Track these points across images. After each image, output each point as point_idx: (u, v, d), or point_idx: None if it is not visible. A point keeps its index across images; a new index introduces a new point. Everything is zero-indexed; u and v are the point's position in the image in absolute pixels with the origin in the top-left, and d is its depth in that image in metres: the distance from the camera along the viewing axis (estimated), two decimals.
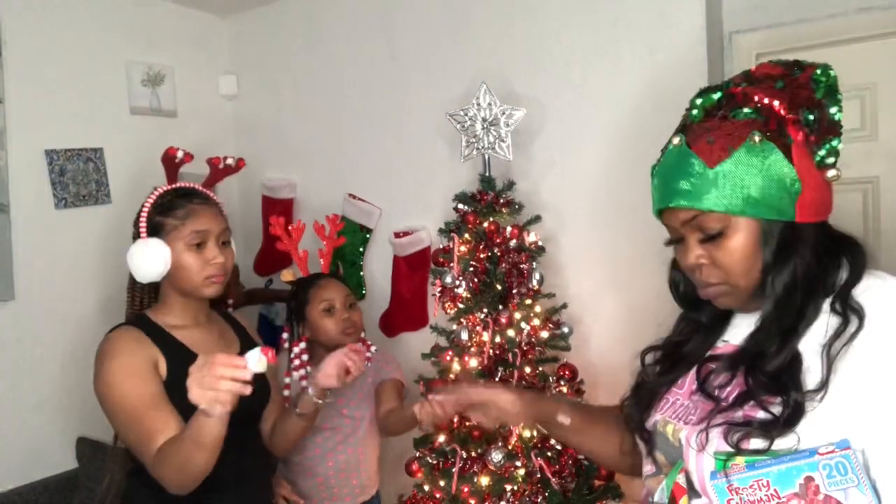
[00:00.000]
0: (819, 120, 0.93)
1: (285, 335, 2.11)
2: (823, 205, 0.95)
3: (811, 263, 0.92)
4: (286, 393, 1.89)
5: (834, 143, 0.94)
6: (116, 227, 2.69)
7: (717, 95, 0.97)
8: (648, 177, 1.04)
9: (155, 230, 1.48)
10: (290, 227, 2.30)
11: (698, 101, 0.99)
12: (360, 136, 2.88)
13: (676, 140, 0.97)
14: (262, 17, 3.11)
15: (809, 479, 0.83)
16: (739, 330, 1.02)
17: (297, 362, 2.01)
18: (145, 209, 1.50)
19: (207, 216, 1.49)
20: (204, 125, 3.10)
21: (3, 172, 2.39)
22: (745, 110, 0.93)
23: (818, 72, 0.95)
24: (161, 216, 1.48)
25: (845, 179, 2.28)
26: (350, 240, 2.88)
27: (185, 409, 1.31)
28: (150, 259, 1.44)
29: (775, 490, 0.83)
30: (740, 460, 0.87)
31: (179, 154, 1.58)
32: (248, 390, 1.15)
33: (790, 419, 0.85)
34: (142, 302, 1.57)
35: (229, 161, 1.60)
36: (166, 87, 2.94)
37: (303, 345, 2.05)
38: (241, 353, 1.56)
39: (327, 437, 2.05)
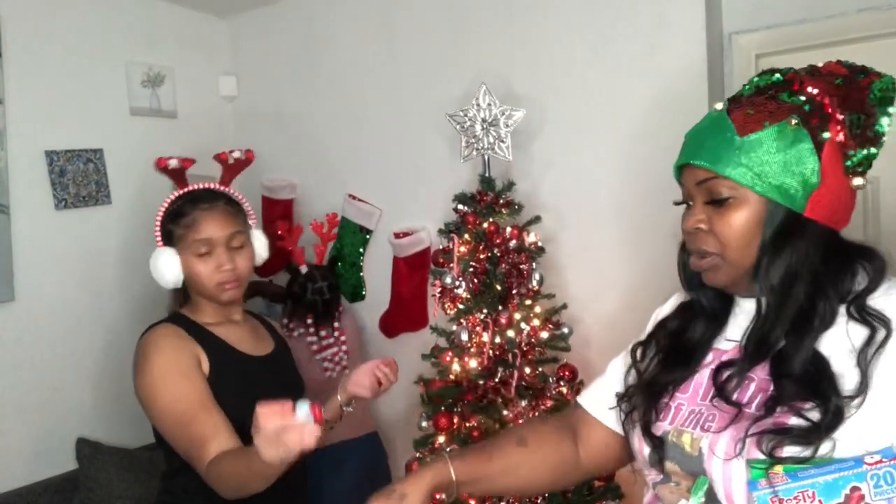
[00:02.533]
0: (864, 126, 0.91)
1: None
2: (840, 211, 0.93)
3: (813, 261, 0.91)
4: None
5: (872, 151, 0.92)
6: (116, 228, 2.70)
7: (776, 77, 0.97)
8: (648, 177, 1.04)
9: (168, 238, 1.48)
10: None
11: (756, 79, 0.99)
12: (360, 136, 2.88)
13: (720, 106, 0.98)
14: (262, 17, 3.11)
15: (856, 488, 0.81)
16: (741, 326, 1.00)
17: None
18: (158, 217, 1.49)
19: (212, 223, 1.45)
20: (204, 126, 3.10)
21: (3, 173, 2.39)
22: (795, 97, 0.92)
23: (880, 81, 0.93)
24: (172, 224, 1.47)
25: None
26: (350, 240, 2.89)
27: (230, 405, 1.35)
28: (164, 269, 1.45)
29: (820, 501, 0.82)
30: (779, 469, 0.84)
31: (172, 163, 1.56)
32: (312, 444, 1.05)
33: (832, 425, 0.84)
34: (178, 302, 1.57)
35: (236, 154, 1.59)
36: (166, 88, 2.94)
37: None
38: (274, 351, 1.58)
39: None
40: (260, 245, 1.56)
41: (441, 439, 2.06)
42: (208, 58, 3.14)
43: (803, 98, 0.92)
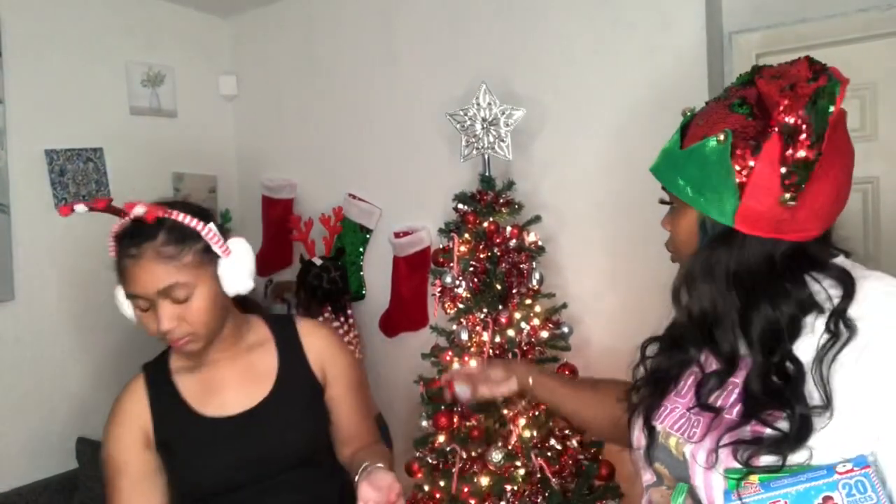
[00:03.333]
0: (797, 136, 0.87)
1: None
2: (785, 224, 0.89)
3: (743, 271, 0.92)
4: None
5: (808, 162, 0.87)
6: None
7: (748, 76, 0.96)
8: (649, 176, 1.05)
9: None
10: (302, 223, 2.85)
11: (737, 77, 0.99)
12: (359, 136, 2.88)
13: (688, 113, 1.01)
14: (262, 17, 3.11)
15: (828, 498, 0.81)
16: None
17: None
18: (111, 251, 1.22)
19: (140, 275, 1.14)
20: (204, 125, 3.11)
21: (3, 172, 2.39)
22: (745, 107, 0.92)
23: (825, 86, 0.88)
24: (115, 265, 1.21)
25: None
26: (350, 240, 2.89)
27: (168, 470, 1.25)
28: (124, 310, 1.24)
29: None
30: (754, 479, 0.84)
31: (79, 208, 1.15)
32: None
33: (800, 434, 0.84)
34: None
35: (139, 210, 1.17)
36: (166, 87, 2.94)
37: None
38: (266, 399, 1.26)
39: None
40: (235, 274, 1.20)
41: (441, 438, 2.06)
42: (208, 58, 3.14)
43: (750, 108, 0.91)
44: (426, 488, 2.07)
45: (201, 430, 1.23)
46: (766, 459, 0.85)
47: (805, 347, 0.89)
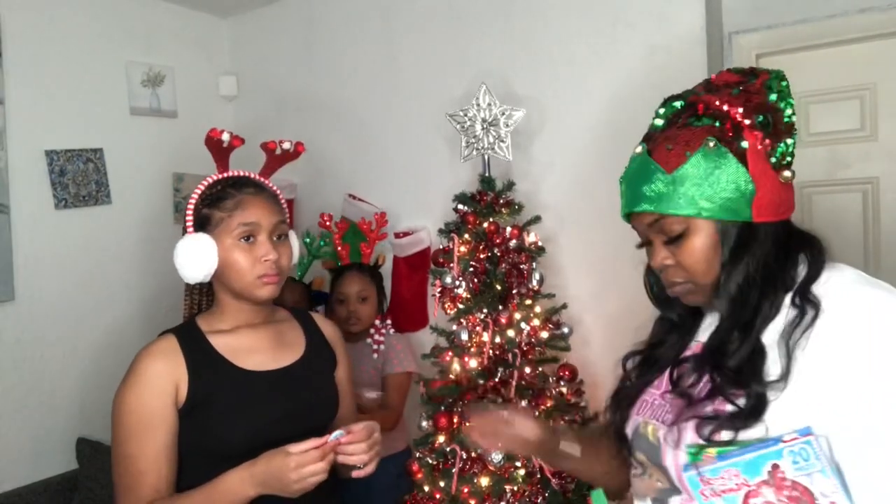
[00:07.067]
0: (773, 123, 0.96)
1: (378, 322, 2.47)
2: (783, 204, 0.97)
3: (768, 260, 0.95)
4: None
5: (788, 143, 0.97)
6: (116, 228, 2.70)
7: (678, 104, 1.02)
8: None
9: (202, 224, 1.32)
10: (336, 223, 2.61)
11: (661, 111, 1.04)
12: (359, 136, 2.88)
13: (639, 149, 1.03)
14: (262, 17, 3.11)
15: (776, 466, 0.86)
16: (709, 328, 1.05)
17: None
18: (192, 200, 1.34)
19: (258, 207, 1.31)
20: (204, 126, 3.06)
21: (3, 173, 2.39)
22: (704, 119, 0.97)
23: (771, 77, 0.99)
24: (209, 208, 1.32)
25: (845, 179, 2.28)
26: (350, 240, 2.89)
27: (200, 429, 1.25)
28: (195, 256, 1.28)
29: (745, 479, 0.87)
30: (712, 452, 0.90)
31: (225, 137, 1.36)
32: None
33: (754, 410, 0.89)
34: (199, 306, 1.41)
35: (285, 145, 1.41)
36: (166, 88, 2.94)
37: None
38: (300, 360, 1.37)
39: None
40: (295, 246, 1.40)
41: (441, 439, 2.05)
42: (208, 58, 3.14)
43: (710, 117, 0.97)
44: (426, 488, 2.07)
45: (242, 382, 1.30)
46: (726, 435, 0.90)
47: (773, 325, 0.94)
